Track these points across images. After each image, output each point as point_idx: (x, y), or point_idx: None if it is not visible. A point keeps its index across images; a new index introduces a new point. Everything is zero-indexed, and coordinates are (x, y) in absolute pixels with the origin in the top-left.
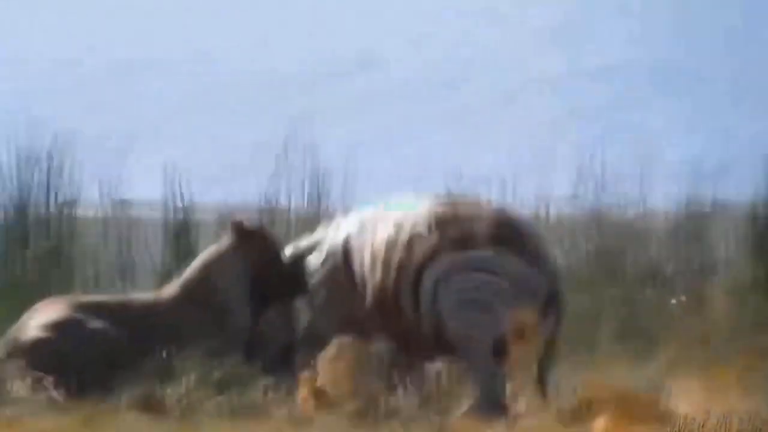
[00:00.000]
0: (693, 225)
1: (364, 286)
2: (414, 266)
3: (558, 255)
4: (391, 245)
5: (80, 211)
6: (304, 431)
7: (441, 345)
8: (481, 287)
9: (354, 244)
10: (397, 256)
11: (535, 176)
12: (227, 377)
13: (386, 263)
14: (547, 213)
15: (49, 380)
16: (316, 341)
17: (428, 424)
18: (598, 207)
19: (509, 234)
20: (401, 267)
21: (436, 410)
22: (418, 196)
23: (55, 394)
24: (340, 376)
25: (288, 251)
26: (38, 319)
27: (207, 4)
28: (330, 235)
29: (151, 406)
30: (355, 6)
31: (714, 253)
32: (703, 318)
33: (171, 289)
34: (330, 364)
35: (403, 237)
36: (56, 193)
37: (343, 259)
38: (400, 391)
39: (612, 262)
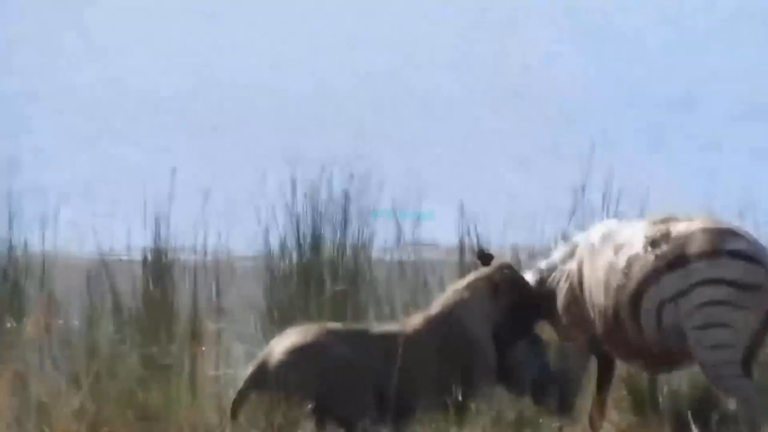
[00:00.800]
0: None
1: (593, 310)
2: (632, 288)
3: None
4: (611, 269)
5: (374, 253)
6: None
7: (675, 360)
8: (712, 301)
9: (585, 267)
10: (615, 279)
11: None
12: (520, 417)
13: (607, 287)
14: None
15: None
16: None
17: None
18: None
19: (722, 241)
20: (620, 289)
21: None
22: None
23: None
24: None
25: (531, 274)
26: (284, 344)
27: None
28: (566, 257)
29: None
30: None
31: None
32: None
33: (416, 320)
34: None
35: (622, 259)
36: (351, 234)
37: (579, 283)
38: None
39: None
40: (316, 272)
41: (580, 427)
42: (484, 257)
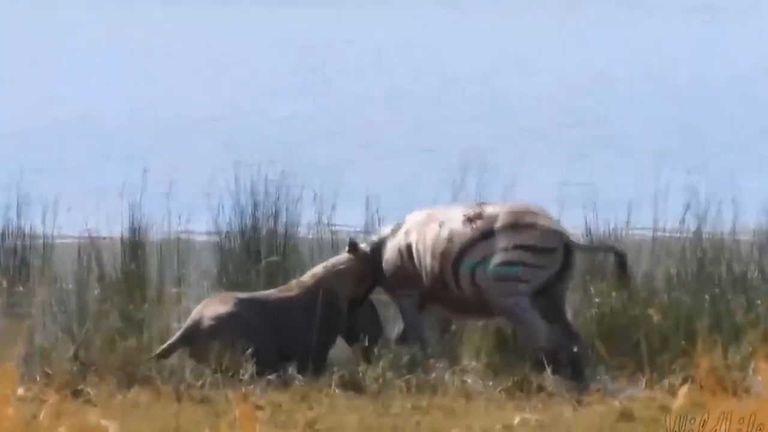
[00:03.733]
0: None
1: (421, 270)
2: (455, 255)
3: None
4: (437, 238)
5: (301, 232)
6: (473, 402)
7: (482, 309)
8: (512, 264)
9: (412, 239)
10: (440, 247)
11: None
12: (412, 360)
13: (433, 253)
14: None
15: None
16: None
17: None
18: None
19: (525, 218)
20: (444, 255)
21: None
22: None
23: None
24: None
25: (366, 245)
26: (209, 310)
27: None
28: (392, 233)
29: (353, 384)
30: None
31: None
32: None
33: (298, 286)
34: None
35: (445, 232)
36: (281, 218)
37: (407, 252)
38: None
39: (710, 270)
40: (255, 247)
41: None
42: (353, 246)
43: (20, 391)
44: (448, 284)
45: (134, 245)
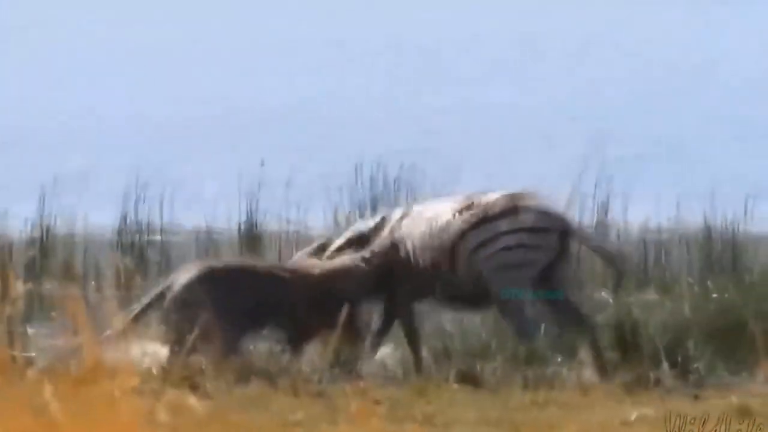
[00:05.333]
0: None
1: (413, 263)
2: (449, 245)
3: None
4: (430, 232)
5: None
6: (590, 397)
7: (480, 297)
8: (511, 249)
9: (400, 234)
10: (433, 240)
11: None
12: (532, 354)
13: (428, 246)
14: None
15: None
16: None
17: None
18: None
19: (520, 202)
20: (439, 248)
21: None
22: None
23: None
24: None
25: (342, 238)
26: (181, 278)
27: None
28: (378, 227)
29: (471, 379)
30: None
31: None
32: None
33: (302, 271)
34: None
35: (438, 225)
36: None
37: (392, 247)
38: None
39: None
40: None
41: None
42: (321, 248)
43: (137, 385)
44: (444, 275)
45: (252, 238)
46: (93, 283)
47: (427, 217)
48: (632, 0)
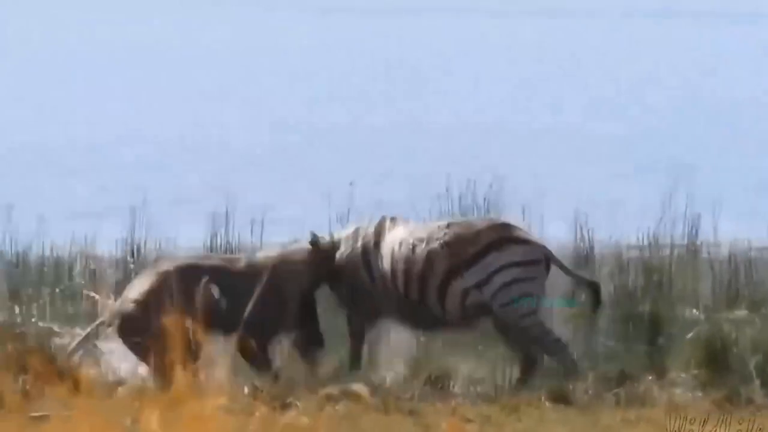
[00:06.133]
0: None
1: (387, 286)
2: (439, 280)
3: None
4: (408, 259)
5: None
6: (681, 413)
7: (457, 326)
8: (509, 285)
9: (373, 252)
10: (417, 268)
11: None
12: (622, 373)
13: (407, 273)
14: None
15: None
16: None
17: None
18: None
19: (506, 235)
20: (424, 277)
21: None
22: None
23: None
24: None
25: (316, 243)
26: (135, 288)
27: None
28: (349, 238)
29: (562, 397)
30: None
31: None
32: None
33: (246, 262)
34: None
35: (420, 252)
36: None
37: (363, 263)
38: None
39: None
40: None
41: None
42: (315, 242)
43: (229, 403)
44: (429, 305)
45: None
46: None
47: (401, 238)
48: None
